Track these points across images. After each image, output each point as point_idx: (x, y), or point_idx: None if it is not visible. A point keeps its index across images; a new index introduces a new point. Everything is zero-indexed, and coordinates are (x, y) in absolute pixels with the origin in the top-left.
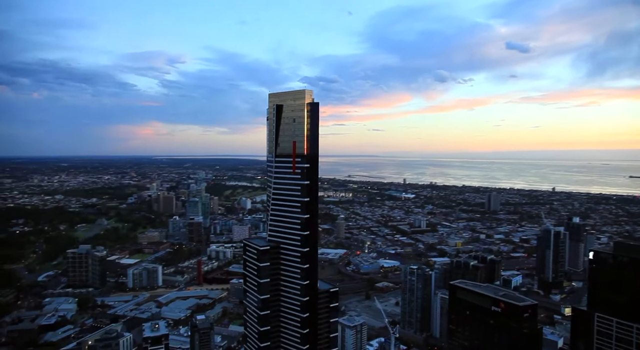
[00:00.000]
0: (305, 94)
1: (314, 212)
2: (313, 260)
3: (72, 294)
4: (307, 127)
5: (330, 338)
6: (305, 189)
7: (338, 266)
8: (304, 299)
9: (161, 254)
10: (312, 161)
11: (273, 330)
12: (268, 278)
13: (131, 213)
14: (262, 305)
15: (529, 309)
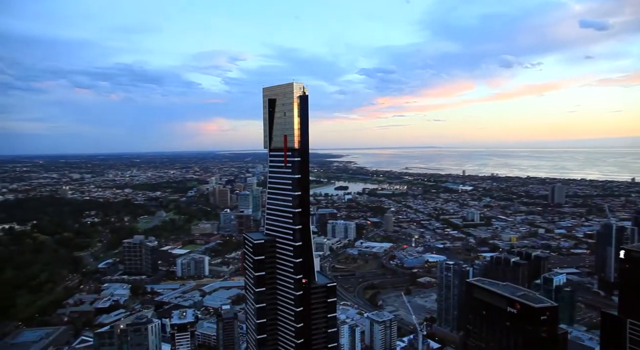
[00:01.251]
0: (294, 87)
1: (306, 205)
2: (306, 255)
3: (127, 280)
4: (298, 121)
5: (328, 333)
6: (296, 183)
7: (382, 260)
8: (297, 293)
9: (211, 245)
10: (303, 155)
11: (270, 323)
12: (263, 271)
13: (189, 206)
14: (258, 297)
15: (546, 311)
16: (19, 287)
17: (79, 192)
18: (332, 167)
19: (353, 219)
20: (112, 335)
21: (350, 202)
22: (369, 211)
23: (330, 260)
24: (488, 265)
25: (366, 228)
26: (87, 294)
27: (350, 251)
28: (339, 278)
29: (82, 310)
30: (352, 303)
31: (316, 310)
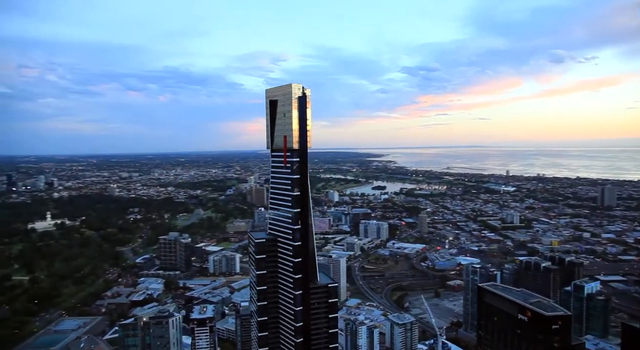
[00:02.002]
0: (293, 88)
1: (305, 206)
2: (305, 255)
3: (162, 275)
4: (296, 122)
5: (330, 334)
6: (295, 183)
7: (413, 261)
8: (296, 293)
9: (244, 243)
10: (302, 155)
11: (272, 321)
12: (264, 270)
13: (227, 204)
14: (259, 296)
15: (558, 320)
16: (65, 278)
17: (125, 190)
18: (372, 167)
19: (388, 219)
20: (135, 327)
21: (386, 202)
22: (404, 211)
23: (361, 260)
24: (517, 269)
25: (400, 228)
26: (124, 287)
27: (382, 252)
28: (367, 278)
29: (118, 302)
30: (378, 304)
31: (317, 310)
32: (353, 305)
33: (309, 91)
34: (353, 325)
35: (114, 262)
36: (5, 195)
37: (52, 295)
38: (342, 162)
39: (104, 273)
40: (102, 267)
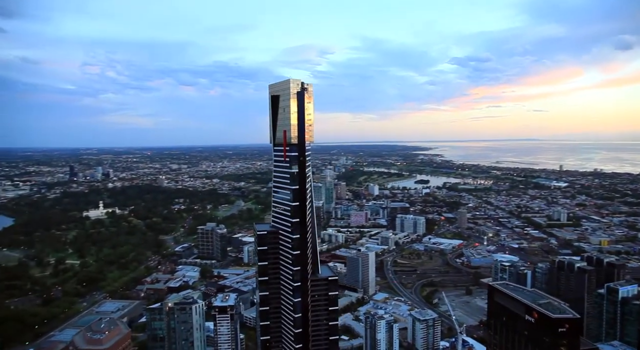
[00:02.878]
0: (291, 84)
1: (304, 199)
2: (304, 247)
3: (199, 264)
4: (295, 117)
5: (330, 326)
6: (294, 177)
7: (448, 257)
8: (295, 284)
9: None
10: (300, 149)
11: (273, 311)
12: (266, 261)
13: (268, 196)
14: (261, 286)
15: (565, 323)
16: (111, 263)
17: (173, 181)
18: (416, 160)
19: (427, 214)
20: (161, 312)
21: (427, 197)
22: (445, 206)
23: (395, 254)
24: (550, 269)
25: (438, 223)
26: (163, 273)
27: (417, 246)
28: (398, 273)
29: (156, 288)
30: (406, 299)
31: (317, 302)
32: (380, 299)
33: (310, 86)
34: (372, 319)
35: (156, 249)
36: (67, 185)
37: (98, 278)
38: (388, 155)
39: (146, 260)
40: (144, 254)
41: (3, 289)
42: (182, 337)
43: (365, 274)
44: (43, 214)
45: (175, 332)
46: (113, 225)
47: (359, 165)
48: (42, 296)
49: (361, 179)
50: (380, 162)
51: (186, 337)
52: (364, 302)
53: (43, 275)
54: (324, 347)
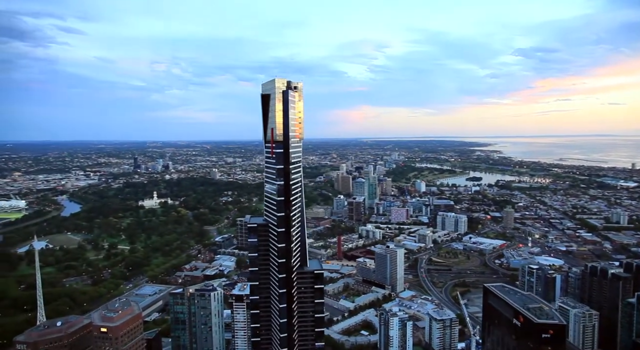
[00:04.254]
0: (277, 83)
1: (288, 194)
2: (289, 240)
3: (236, 254)
4: (280, 115)
5: (316, 318)
6: (279, 172)
7: (487, 257)
8: (280, 276)
9: (319, 229)
10: (285, 146)
11: (262, 301)
12: (256, 253)
13: (314, 190)
14: (252, 276)
15: (549, 328)
16: (157, 250)
17: (226, 174)
18: (472, 157)
19: (473, 212)
20: (183, 297)
21: (476, 194)
22: (493, 205)
23: (431, 252)
24: (582, 275)
25: (482, 222)
26: (202, 262)
27: (455, 245)
28: (431, 272)
29: (193, 275)
30: (434, 298)
31: (304, 294)
32: (407, 296)
33: (300, 84)
34: (386, 316)
35: (199, 239)
36: (130, 175)
37: (143, 264)
38: (443, 151)
39: (188, 248)
40: (188, 243)
41: (62, 269)
42: (202, 322)
43: (393, 271)
44: (105, 202)
45: (195, 316)
46: (164, 215)
47: (411, 161)
48: (93, 277)
49: (411, 175)
50: (434, 158)
51: (205, 322)
52: (389, 299)
53: (97, 258)
54: (311, 338)
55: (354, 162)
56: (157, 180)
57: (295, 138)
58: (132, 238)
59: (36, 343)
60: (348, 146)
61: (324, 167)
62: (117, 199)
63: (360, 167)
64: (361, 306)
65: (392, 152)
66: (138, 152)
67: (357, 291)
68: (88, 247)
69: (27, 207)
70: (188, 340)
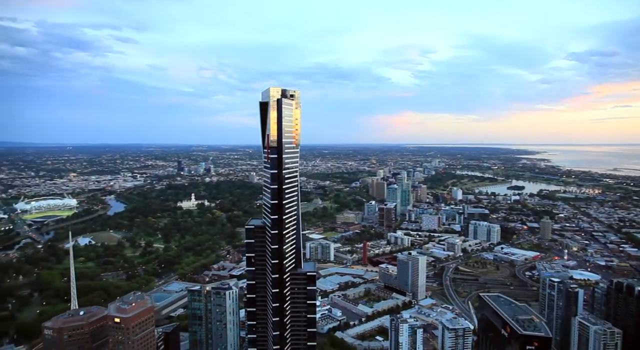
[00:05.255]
0: (270, 92)
1: (281, 198)
2: (281, 242)
3: None
4: (275, 121)
5: (309, 318)
6: (273, 177)
7: (517, 269)
8: (273, 276)
9: (348, 234)
10: (279, 152)
11: (259, 299)
12: (253, 253)
13: (348, 195)
14: (249, 275)
15: (534, 340)
16: (189, 250)
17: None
18: (517, 165)
19: (509, 222)
20: (200, 294)
21: (515, 204)
22: (532, 215)
23: (459, 261)
24: (607, 291)
25: (518, 233)
26: (229, 262)
27: (486, 255)
28: (457, 281)
29: (220, 274)
30: (455, 307)
31: (297, 295)
32: (427, 304)
33: (297, 93)
34: (396, 322)
35: (229, 240)
36: (173, 177)
37: (175, 262)
38: (487, 158)
39: (219, 249)
40: (219, 244)
41: (101, 264)
42: (217, 319)
43: (415, 278)
44: (147, 202)
45: (211, 313)
46: (199, 216)
47: (451, 168)
48: (128, 272)
49: (449, 182)
50: (476, 166)
51: (220, 319)
52: (409, 306)
53: (133, 255)
54: (303, 337)
55: (392, 168)
56: (198, 183)
57: (291, 144)
58: (167, 237)
59: (61, 329)
60: (389, 152)
61: (362, 172)
62: (158, 200)
63: (397, 173)
64: (379, 312)
65: (433, 159)
66: (183, 156)
67: (377, 297)
68: (126, 244)
69: (78, 206)
70: (204, 335)
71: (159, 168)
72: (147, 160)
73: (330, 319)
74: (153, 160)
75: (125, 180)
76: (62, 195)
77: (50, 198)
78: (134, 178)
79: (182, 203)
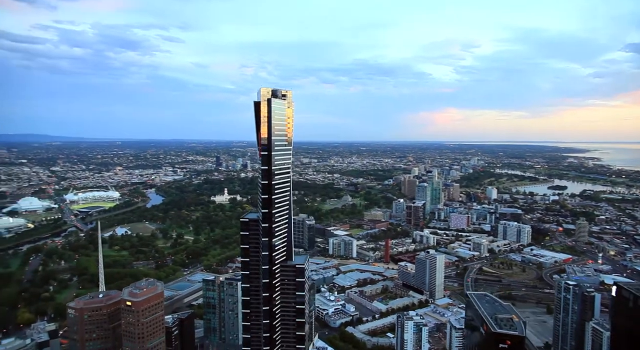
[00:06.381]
0: (261, 92)
1: (270, 192)
2: (271, 235)
3: None
4: (265, 120)
5: (298, 309)
6: (263, 173)
7: (545, 272)
8: (264, 267)
9: (374, 231)
10: (268, 149)
11: (253, 289)
12: (247, 245)
13: (380, 193)
14: (243, 266)
15: (506, 338)
16: (216, 242)
17: (297, 174)
18: (562, 164)
19: (544, 223)
20: (214, 284)
21: (553, 204)
22: (570, 216)
23: (485, 262)
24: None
25: (551, 234)
26: None
27: (513, 256)
28: (479, 281)
29: None
30: None
31: (287, 286)
32: (443, 304)
33: (290, 93)
34: (402, 319)
35: None
36: (210, 172)
37: (202, 253)
38: (531, 157)
39: None
40: None
41: (134, 253)
42: (229, 308)
43: (432, 277)
44: (183, 196)
45: (224, 302)
46: (230, 210)
47: (490, 167)
48: (157, 262)
49: (486, 181)
50: (517, 165)
51: (232, 308)
52: (425, 305)
53: (164, 245)
54: (292, 326)
55: (429, 165)
56: (233, 178)
57: (283, 142)
58: (197, 229)
59: (82, 309)
60: (428, 150)
61: (397, 170)
62: (194, 194)
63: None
64: (393, 309)
65: (473, 157)
66: (223, 151)
67: (394, 294)
68: (159, 235)
69: (120, 198)
70: (217, 323)
71: (199, 163)
72: (188, 155)
73: (343, 314)
74: (194, 156)
75: (166, 174)
76: (107, 188)
77: (96, 190)
78: (174, 172)
79: (215, 197)
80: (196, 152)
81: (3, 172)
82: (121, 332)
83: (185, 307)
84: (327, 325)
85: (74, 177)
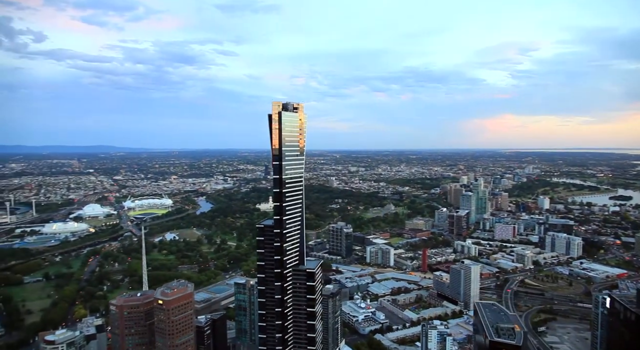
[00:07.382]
0: (273, 106)
1: (281, 200)
2: (282, 240)
3: (324, 257)
4: (276, 131)
5: (308, 312)
6: (275, 181)
7: (594, 286)
8: (276, 271)
9: (414, 240)
10: (279, 159)
11: (268, 291)
12: (262, 249)
13: (424, 202)
14: (259, 270)
15: (502, 347)
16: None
17: (343, 183)
18: (630, 172)
19: (600, 235)
20: (245, 287)
21: (613, 215)
22: (632, 229)
23: (528, 274)
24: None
25: (607, 247)
26: None
27: (560, 269)
28: (519, 294)
29: None
30: None
31: (298, 289)
32: None
33: (301, 105)
34: (426, 328)
35: None
36: (259, 181)
37: (242, 259)
38: (594, 165)
39: None
40: None
41: (180, 257)
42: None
43: (467, 287)
44: (230, 203)
45: (254, 305)
46: None
47: (547, 175)
48: (200, 266)
49: (540, 190)
50: (577, 173)
51: None
52: (458, 315)
53: (208, 250)
54: (304, 328)
55: (479, 174)
56: None
57: (295, 152)
58: (240, 236)
59: (122, 306)
60: (482, 157)
61: (446, 179)
62: (241, 202)
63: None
64: (425, 318)
65: (528, 165)
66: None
67: (428, 304)
68: (204, 241)
69: (172, 205)
70: (248, 325)
71: (249, 172)
72: (239, 164)
73: (373, 322)
74: (245, 165)
75: (217, 182)
76: (161, 196)
77: (151, 197)
78: (224, 181)
79: (260, 205)
80: (247, 161)
81: (73, 181)
82: (154, 328)
83: (222, 309)
84: (356, 331)
85: (133, 186)
